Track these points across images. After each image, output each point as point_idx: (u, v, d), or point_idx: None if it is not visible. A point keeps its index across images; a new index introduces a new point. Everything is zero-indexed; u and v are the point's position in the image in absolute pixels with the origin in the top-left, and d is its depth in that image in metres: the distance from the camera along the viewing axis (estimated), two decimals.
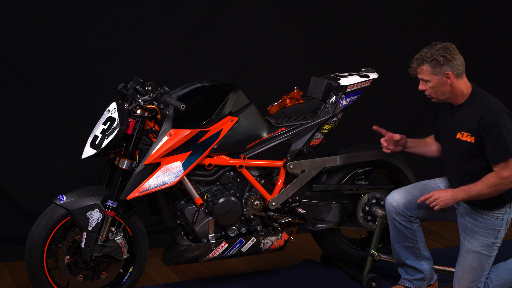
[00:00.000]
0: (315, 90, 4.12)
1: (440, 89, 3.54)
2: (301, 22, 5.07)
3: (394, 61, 5.33)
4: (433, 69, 3.50)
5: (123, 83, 3.79)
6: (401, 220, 3.76)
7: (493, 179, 3.47)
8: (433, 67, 3.50)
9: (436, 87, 3.53)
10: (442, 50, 3.49)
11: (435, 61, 3.48)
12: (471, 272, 3.64)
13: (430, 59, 3.49)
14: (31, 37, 4.44)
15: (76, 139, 4.44)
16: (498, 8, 5.58)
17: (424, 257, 3.84)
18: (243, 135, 3.84)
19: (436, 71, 3.50)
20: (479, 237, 3.60)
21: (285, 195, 3.95)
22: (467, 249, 3.64)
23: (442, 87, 3.53)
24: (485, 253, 3.61)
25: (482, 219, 3.60)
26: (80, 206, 3.55)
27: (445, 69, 3.49)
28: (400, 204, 3.76)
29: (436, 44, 3.53)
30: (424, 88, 3.58)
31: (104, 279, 3.73)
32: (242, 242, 3.91)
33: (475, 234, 3.61)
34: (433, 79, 3.52)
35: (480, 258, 3.62)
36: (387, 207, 3.82)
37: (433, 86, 3.54)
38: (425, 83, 3.56)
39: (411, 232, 3.78)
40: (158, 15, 4.68)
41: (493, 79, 5.70)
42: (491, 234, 3.60)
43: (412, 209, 3.76)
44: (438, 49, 3.50)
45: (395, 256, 3.89)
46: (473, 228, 3.62)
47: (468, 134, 3.54)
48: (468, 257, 3.64)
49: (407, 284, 3.89)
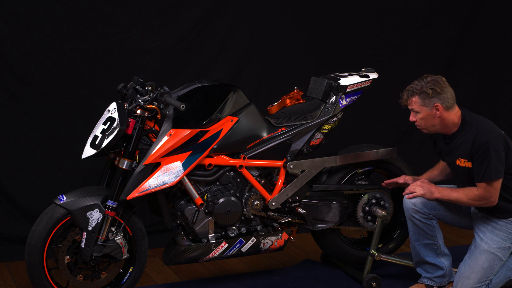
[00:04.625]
0: (315, 90, 4.12)
1: (429, 121, 3.64)
2: (301, 22, 5.07)
3: (394, 61, 5.33)
4: (422, 101, 3.61)
5: (123, 83, 3.79)
6: (420, 217, 3.80)
7: (475, 193, 3.61)
8: (423, 99, 3.60)
9: (425, 119, 3.64)
10: (431, 83, 3.61)
11: (424, 93, 3.60)
12: (480, 271, 3.66)
13: (420, 91, 3.61)
14: (31, 37, 4.44)
15: (76, 139, 4.44)
16: (498, 8, 5.58)
17: (444, 254, 3.88)
18: (243, 135, 3.84)
19: (425, 103, 3.60)
20: (498, 239, 3.66)
21: (285, 195, 3.95)
22: (483, 249, 3.67)
23: (431, 119, 3.63)
24: (500, 255, 3.66)
25: (503, 223, 3.67)
26: (80, 206, 3.55)
27: (434, 101, 3.59)
28: (418, 202, 3.79)
29: (427, 77, 3.64)
30: (415, 120, 3.69)
31: (104, 279, 3.73)
32: (242, 242, 3.91)
33: (494, 236, 3.66)
34: (422, 110, 3.63)
35: (494, 259, 3.66)
36: (406, 206, 3.85)
37: (423, 117, 3.64)
38: (415, 114, 3.66)
39: (430, 228, 3.82)
40: (158, 15, 4.67)
41: (493, 80, 5.70)
42: (510, 239, 3.67)
43: (430, 208, 3.80)
44: (428, 81, 3.61)
45: (415, 254, 3.91)
46: (493, 230, 3.67)
47: (465, 160, 3.65)
48: (482, 257, 3.67)
49: (428, 282, 3.91)
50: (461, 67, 5.56)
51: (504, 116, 5.78)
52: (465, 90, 5.57)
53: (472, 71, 5.62)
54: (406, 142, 5.39)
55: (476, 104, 5.62)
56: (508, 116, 5.80)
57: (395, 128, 5.38)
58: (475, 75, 5.64)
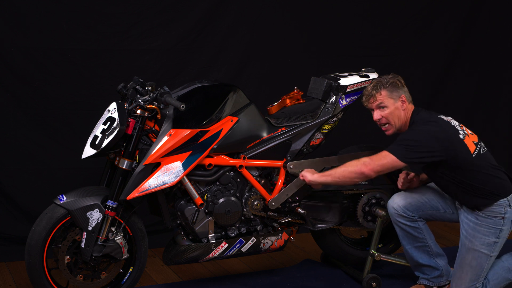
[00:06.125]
0: (315, 90, 4.12)
1: (396, 114, 3.69)
2: (301, 22, 5.07)
3: (394, 61, 5.33)
4: (390, 93, 3.68)
5: (123, 83, 3.79)
6: (404, 221, 3.78)
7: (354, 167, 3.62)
8: (391, 92, 3.68)
9: (392, 112, 3.69)
10: (393, 77, 3.72)
11: (392, 84, 3.68)
12: (469, 271, 3.64)
13: (388, 83, 3.68)
14: (31, 37, 4.44)
15: (76, 139, 4.44)
16: (498, 8, 5.59)
17: (437, 254, 3.86)
18: (243, 135, 3.84)
19: (393, 95, 3.68)
20: (480, 236, 3.61)
21: (285, 195, 3.95)
22: (468, 247, 3.64)
23: (398, 111, 3.69)
24: (486, 252, 3.62)
25: (483, 218, 3.61)
26: (80, 206, 3.55)
27: (400, 93, 3.68)
28: (400, 206, 3.77)
29: (385, 75, 3.74)
30: (380, 117, 3.72)
31: (104, 279, 3.73)
32: (242, 242, 3.91)
33: (476, 232, 3.62)
34: (390, 103, 3.68)
35: (480, 257, 3.62)
36: (390, 211, 3.83)
37: (390, 111, 3.69)
38: (381, 110, 3.70)
39: (418, 231, 3.80)
40: (158, 15, 4.68)
41: (493, 80, 5.70)
42: (493, 233, 3.61)
43: (414, 210, 3.77)
44: (390, 77, 3.72)
45: (409, 258, 3.90)
46: (475, 227, 3.62)
47: None
48: (468, 256, 3.64)
49: (427, 283, 3.90)
50: (461, 67, 5.56)
51: (504, 116, 5.78)
52: (465, 90, 5.57)
53: (472, 71, 5.62)
54: None
55: (476, 104, 5.62)
56: (508, 116, 5.80)
57: None
58: (475, 75, 5.64)
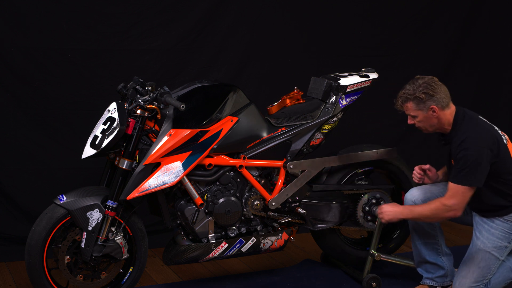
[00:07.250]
0: (315, 90, 4.12)
1: (428, 122, 3.63)
2: (301, 22, 5.07)
3: (394, 61, 5.33)
4: (417, 106, 3.59)
5: (123, 83, 3.79)
6: None
7: (435, 204, 3.59)
8: (417, 104, 3.58)
9: (423, 121, 3.63)
10: (423, 86, 3.56)
11: (418, 98, 3.57)
12: (476, 271, 3.65)
13: (413, 97, 3.58)
14: (31, 37, 4.44)
15: (76, 139, 4.44)
16: (498, 8, 5.58)
17: (445, 253, 3.87)
18: (243, 135, 3.84)
19: (420, 107, 3.59)
20: (494, 238, 3.64)
21: (285, 195, 3.95)
22: (479, 248, 3.65)
23: (429, 120, 3.62)
24: (496, 255, 3.64)
25: (499, 222, 3.64)
26: (80, 206, 3.55)
27: (429, 104, 3.57)
28: (419, 200, 3.78)
29: (418, 80, 3.60)
30: (413, 122, 3.67)
31: (104, 279, 3.73)
32: (242, 242, 3.91)
33: (490, 235, 3.64)
34: (419, 114, 3.62)
35: (490, 259, 3.64)
36: (407, 203, 3.83)
37: (420, 120, 3.63)
38: (412, 118, 3.66)
39: (431, 227, 3.81)
40: (158, 15, 4.67)
41: (493, 80, 5.70)
42: (506, 238, 3.64)
43: None
44: (420, 85, 3.57)
45: (416, 254, 3.91)
46: (489, 229, 3.65)
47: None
48: (478, 256, 3.65)
49: (430, 283, 3.90)
50: (461, 67, 5.56)
51: (504, 116, 5.78)
52: (465, 90, 5.57)
53: (472, 71, 5.62)
54: (406, 142, 5.40)
55: (476, 104, 5.61)
56: (508, 116, 5.80)
57: (395, 128, 5.38)
58: (475, 75, 5.64)
